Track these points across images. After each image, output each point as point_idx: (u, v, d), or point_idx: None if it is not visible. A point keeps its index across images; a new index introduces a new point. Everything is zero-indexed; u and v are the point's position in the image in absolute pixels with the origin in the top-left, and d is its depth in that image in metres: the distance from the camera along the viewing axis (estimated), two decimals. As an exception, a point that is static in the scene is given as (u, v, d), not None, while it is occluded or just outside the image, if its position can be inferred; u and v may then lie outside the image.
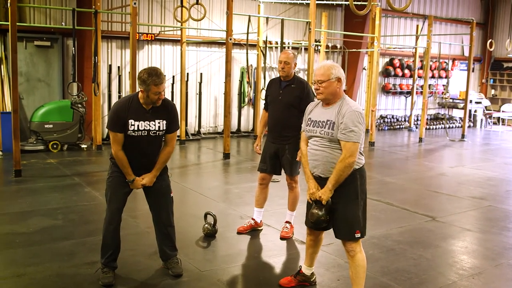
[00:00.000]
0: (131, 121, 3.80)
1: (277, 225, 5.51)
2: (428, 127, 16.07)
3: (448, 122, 17.06)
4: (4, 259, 4.45)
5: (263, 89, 10.82)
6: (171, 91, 11.80)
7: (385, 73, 16.21)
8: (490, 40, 15.35)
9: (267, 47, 12.23)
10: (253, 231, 5.36)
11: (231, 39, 9.38)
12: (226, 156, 9.67)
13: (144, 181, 3.99)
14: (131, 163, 3.92)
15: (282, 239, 5.17)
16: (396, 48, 16.26)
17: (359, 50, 14.70)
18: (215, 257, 4.71)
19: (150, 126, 3.87)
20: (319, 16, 13.25)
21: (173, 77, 11.94)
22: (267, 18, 12.07)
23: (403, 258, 4.76)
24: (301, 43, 13.63)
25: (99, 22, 9.81)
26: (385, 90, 16.32)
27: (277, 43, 13.03)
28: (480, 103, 17.28)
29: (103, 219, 4.03)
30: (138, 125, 3.82)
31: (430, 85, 16.35)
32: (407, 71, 16.44)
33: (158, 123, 3.90)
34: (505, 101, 18.80)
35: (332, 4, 14.04)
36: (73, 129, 9.86)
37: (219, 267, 4.40)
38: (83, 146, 10.08)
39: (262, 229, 5.42)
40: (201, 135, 12.45)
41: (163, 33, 11.77)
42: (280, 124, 4.99)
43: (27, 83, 10.48)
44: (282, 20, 10.66)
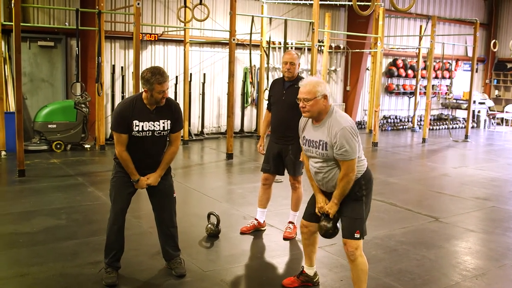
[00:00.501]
0: (135, 122, 3.80)
1: (280, 225, 5.51)
2: (431, 127, 16.03)
3: (451, 122, 17.02)
4: (7, 258, 4.47)
5: (266, 89, 10.80)
6: (174, 91, 11.82)
7: (389, 74, 16.18)
8: (493, 40, 15.30)
9: (270, 48, 12.23)
10: (256, 231, 5.36)
11: (234, 40, 9.39)
12: (229, 156, 9.68)
13: (149, 181, 4.00)
14: (135, 163, 3.92)
15: (285, 239, 5.17)
16: (399, 48, 16.23)
17: (362, 50, 14.70)
18: (218, 257, 4.72)
19: (154, 126, 3.87)
20: (322, 16, 13.25)
21: (176, 77, 11.96)
22: (271, 18, 12.07)
23: (406, 258, 4.75)
24: (304, 44, 13.63)
25: (103, 22, 9.83)
26: (389, 90, 16.30)
27: (280, 43, 13.03)
28: (483, 103, 17.24)
29: (107, 219, 4.04)
30: (142, 126, 3.82)
31: (433, 86, 16.32)
32: (410, 72, 16.40)
33: (162, 123, 3.91)
34: (508, 102, 18.75)
35: (335, 4, 14.03)
36: (76, 129, 9.89)
37: (222, 267, 4.41)
38: (87, 146, 10.10)
39: (265, 230, 5.43)
40: (204, 135, 12.46)
41: (166, 33, 11.79)
42: (283, 124, 4.98)
43: (30, 83, 10.50)
44: (285, 20, 10.66)
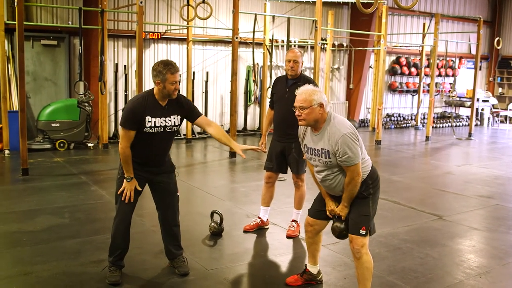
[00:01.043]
0: (148, 117, 3.82)
1: (284, 223, 5.51)
2: (434, 125, 15.99)
3: (455, 120, 16.97)
4: (11, 257, 4.48)
5: (269, 87, 10.81)
6: (177, 89, 11.80)
7: (392, 72, 16.15)
8: (497, 38, 15.25)
9: (273, 46, 12.22)
10: (260, 229, 5.36)
11: (237, 38, 9.38)
12: (232, 154, 9.68)
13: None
14: (142, 159, 3.94)
15: (288, 237, 5.17)
16: (402, 46, 16.18)
17: (365, 48, 14.66)
18: (221, 255, 4.72)
19: (166, 122, 3.90)
20: (325, 14, 13.22)
21: (179, 75, 11.94)
22: (273, 16, 12.06)
23: (410, 257, 4.75)
24: (307, 42, 13.61)
25: (106, 21, 9.84)
26: (392, 88, 16.26)
27: (283, 41, 13.01)
28: (487, 101, 17.16)
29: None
30: (155, 122, 3.85)
31: (436, 84, 16.27)
32: (413, 70, 16.35)
33: (173, 118, 3.94)
34: (512, 99, 18.71)
35: (338, 2, 13.99)
36: (79, 128, 9.90)
37: (225, 266, 4.41)
38: (90, 144, 10.11)
39: (268, 228, 5.42)
40: (207, 133, 12.44)
41: (169, 32, 11.78)
42: (286, 122, 4.96)
43: (34, 82, 10.52)
44: (288, 18, 10.64)
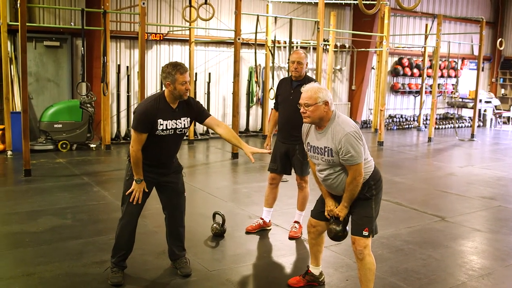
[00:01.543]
0: (160, 120, 3.83)
1: (286, 224, 5.50)
2: (437, 126, 15.97)
3: (457, 121, 16.95)
4: (14, 258, 4.48)
5: (271, 88, 10.81)
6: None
7: (394, 73, 16.13)
8: (500, 39, 15.24)
9: (276, 47, 12.22)
10: (262, 230, 5.35)
11: (239, 39, 9.38)
12: (234, 155, 9.68)
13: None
14: (152, 161, 3.94)
15: (290, 239, 5.16)
16: (405, 47, 16.18)
17: (367, 49, 14.66)
18: (223, 256, 4.72)
19: (177, 124, 3.91)
20: (327, 15, 13.22)
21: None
22: (276, 17, 12.06)
23: (412, 258, 4.74)
24: (309, 43, 13.61)
25: (108, 22, 9.86)
26: (394, 89, 16.25)
27: (285, 42, 13.02)
28: (489, 102, 17.14)
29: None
30: (166, 124, 3.86)
31: (439, 85, 16.26)
32: (416, 71, 16.34)
33: (183, 120, 3.95)
34: (515, 101, 18.67)
35: (340, 3, 14.00)
36: (82, 129, 9.91)
37: (227, 267, 4.41)
38: (92, 145, 10.13)
39: (270, 229, 5.42)
40: (209, 134, 12.45)
41: (171, 33, 11.80)
42: (290, 123, 4.95)
43: (36, 83, 10.54)
44: (290, 19, 10.64)
